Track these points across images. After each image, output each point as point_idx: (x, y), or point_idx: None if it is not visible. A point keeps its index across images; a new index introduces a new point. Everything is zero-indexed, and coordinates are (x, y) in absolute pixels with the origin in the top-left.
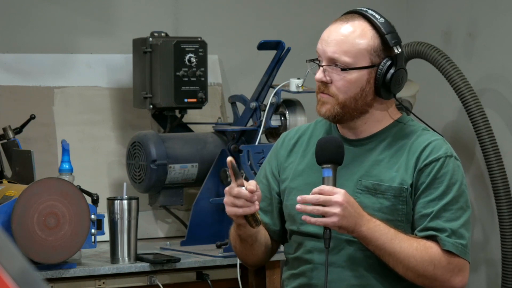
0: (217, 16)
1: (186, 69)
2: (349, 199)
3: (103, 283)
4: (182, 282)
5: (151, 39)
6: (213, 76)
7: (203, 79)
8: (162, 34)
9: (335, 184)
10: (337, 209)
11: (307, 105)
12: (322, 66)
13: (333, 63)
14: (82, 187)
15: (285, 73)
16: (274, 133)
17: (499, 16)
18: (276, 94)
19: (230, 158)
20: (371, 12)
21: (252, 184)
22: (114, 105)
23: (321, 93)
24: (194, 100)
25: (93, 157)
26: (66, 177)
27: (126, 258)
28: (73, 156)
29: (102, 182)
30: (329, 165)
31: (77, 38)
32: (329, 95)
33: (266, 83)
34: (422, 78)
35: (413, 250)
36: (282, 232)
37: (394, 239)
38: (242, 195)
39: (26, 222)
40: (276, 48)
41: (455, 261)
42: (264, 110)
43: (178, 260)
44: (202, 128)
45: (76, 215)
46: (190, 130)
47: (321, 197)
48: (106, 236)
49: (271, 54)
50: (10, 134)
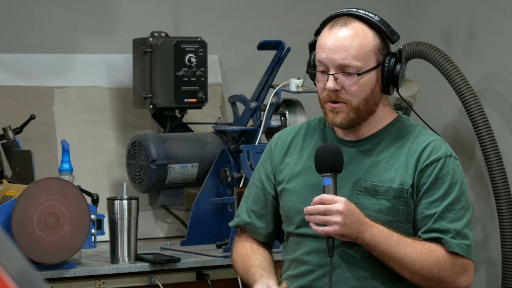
0: (217, 16)
1: (186, 69)
2: (350, 207)
3: (103, 283)
4: (182, 282)
5: (151, 39)
6: (213, 76)
7: (203, 79)
8: (162, 34)
9: (335, 192)
10: (338, 218)
11: (307, 105)
12: (332, 74)
13: (343, 69)
14: (82, 187)
15: (285, 73)
16: (274, 133)
17: (499, 16)
18: (276, 94)
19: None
20: (363, 12)
21: None
22: (114, 105)
23: (332, 103)
24: (194, 100)
25: (93, 157)
26: (66, 177)
27: (126, 258)
28: (73, 156)
29: (102, 182)
30: (329, 174)
31: (77, 38)
32: (342, 102)
33: (266, 83)
34: (422, 78)
35: (417, 254)
36: (275, 234)
37: (398, 244)
38: None
39: (26, 222)
40: (276, 48)
41: (460, 262)
42: (264, 110)
43: (178, 260)
44: (202, 128)
45: (76, 215)
46: (190, 130)
47: (322, 207)
48: (106, 236)
49: (271, 54)
50: (10, 134)
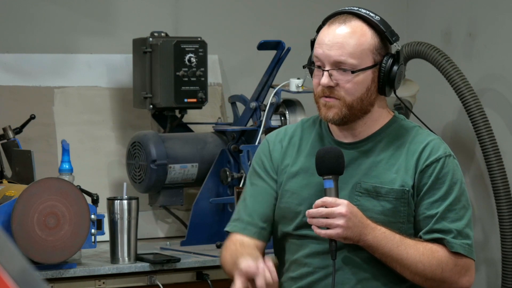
0: (217, 16)
1: (186, 69)
2: (352, 209)
3: (103, 283)
4: (182, 282)
5: (151, 39)
6: (213, 76)
7: (203, 79)
8: (162, 34)
9: (337, 195)
10: (341, 221)
11: (307, 105)
12: (327, 70)
13: (338, 66)
14: (82, 187)
15: (285, 73)
16: None
17: (499, 16)
18: (276, 94)
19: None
20: (363, 11)
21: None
22: (114, 105)
23: (326, 98)
24: (194, 100)
25: (93, 157)
26: (66, 177)
27: (126, 258)
28: (73, 156)
29: (102, 182)
30: (330, 176)
31: (77, 38)
32: (335, 98)
33: (266, 83)
34: (422, 78)
35: (419, 255)
36: (270, 232)
37: (400, 245)
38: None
39: (26, 222)
40: (276, 48)
41: (461, 262)
42: (264, 110)
43: (178, 260)
44: (202, 128)
45: (76, 215)
46: (190, 130)
47: (324, 210)
48: (106, 236)
49: (271, 54)
50: (10, 134)
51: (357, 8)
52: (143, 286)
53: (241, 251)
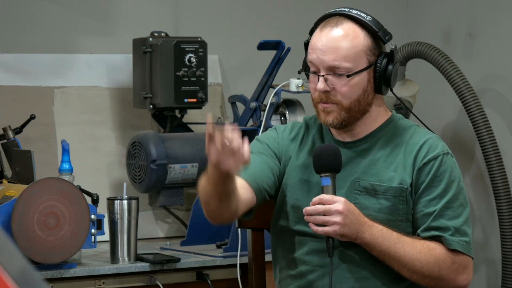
0: (217, 16)
1: (186, 69)
2: (349, 207)
3: (103, 283)
4: (182, 282)
5: (151, 39)
6: (213, 76)
7: (203, 79)
8: (162, 34)
9: (334, 192)
10: (338, 218)
11: (307, 105)
12: (323, 76)
13: (333, 71)
14: (82, 187)
15: (285, 73)
16: None
17: (499, 16)
18: (276, 94)
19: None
20: (355, 11)
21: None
22: (114, 105)
23: (324, 104)
24: (194, 100)
25: (93, 157)
26: (66, 177)
27: (126, 258)
28: (73, 156)
29: (102, 182)
30: (328, 174)
31: (77, 38)
32: (333, 103)
33: (266, 83)
34: (422, 78)
35: (417, 253)
36: (262, 195)
37: (398, 243)
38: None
39: (26, 222)
40: (276, 48)
41: (459, 260)
42: (264, 110)
43: (178, 260)
44: (202, 128)
45: (76, 215)
46: (190, 130)
47: (321, 207)
48: (106, 236)
49: (271, 54)
50: (10, 134)
51: (348, 9)
52: (143, 286)
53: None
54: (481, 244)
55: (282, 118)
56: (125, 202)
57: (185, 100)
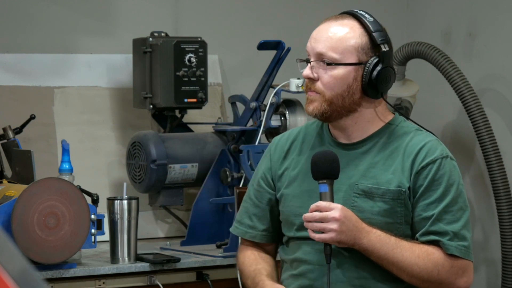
0: (217, 16)
1: (186, 69)
2: (346, 214)
3: (103, 283)
4: (182, 282)
5: (151, 39)
6: (213, 76)
7: (203, 79)
8: (162, 34)
9: (332, 199)
10: (334, 225)
11: None
12: (309, 62)
13: (321, 59)
14: (82, 187)
15: (285, 73)
16: (274, 133)
17: (499, 16)
18: (276, 94)
19: None
20: (361, 12)
21: None
22: (114, 105)
23: (309, 92)
24: (194, 100)
25: (93, 157)
26: (66, 177)
27: (126, 258)
28: (73, 156)
29: (102, 182)
30: (325, 181)
31: (77, 38)
32: (316, 92)
33: (266, 83)
34: (422, 78)
35: (415, 257)
36: (277, 236)
37: (396, 248)
38: None
39: (26, 222)
40: (276, 48)
41: (458, 264)
42: (264, 110)
43: (178, 260)
44: (202, 128)
45: (76, 215)
46: (190, 130)
47: (318, 214)
48: (106, 236)
49: (271, 54)
50: (10, 134)
51: (357, 10)
52: (143, 286)
53: (259, 267)
54: (481, 244)
55: (282, 118)
56: (125, 202)
57: (185, 100)
